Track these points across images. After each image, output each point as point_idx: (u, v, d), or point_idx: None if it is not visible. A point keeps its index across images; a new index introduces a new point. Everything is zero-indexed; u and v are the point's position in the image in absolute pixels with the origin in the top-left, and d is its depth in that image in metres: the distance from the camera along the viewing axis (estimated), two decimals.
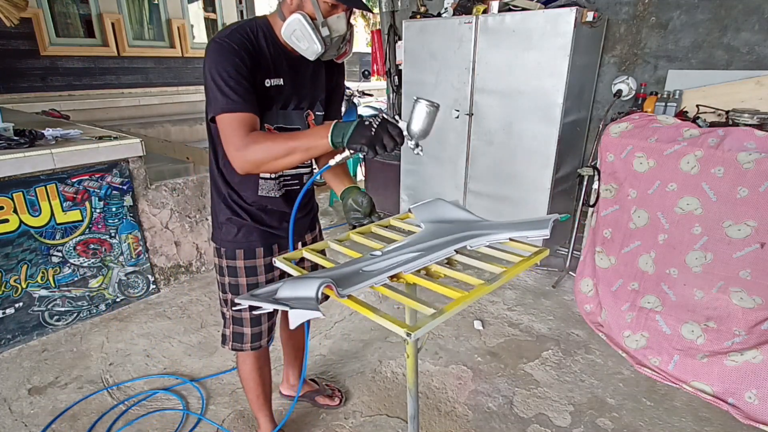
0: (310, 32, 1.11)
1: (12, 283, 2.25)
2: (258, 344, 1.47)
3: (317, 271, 0.99)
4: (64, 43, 4.74)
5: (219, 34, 1.14)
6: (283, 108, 1.25)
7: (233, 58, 1.09)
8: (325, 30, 1.13)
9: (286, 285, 0.84)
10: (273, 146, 1.07)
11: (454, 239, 1.04)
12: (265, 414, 1.66)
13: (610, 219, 2.23)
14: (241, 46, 1.11)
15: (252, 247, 1.39)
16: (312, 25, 1.11)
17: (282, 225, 1.42)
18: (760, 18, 2.40)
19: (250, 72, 1.13)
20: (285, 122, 1.27)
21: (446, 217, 1.18)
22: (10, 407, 1.92)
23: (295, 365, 1.90)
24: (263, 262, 1.41)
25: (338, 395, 1.94)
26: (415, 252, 0.98)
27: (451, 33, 2.96)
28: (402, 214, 1.29)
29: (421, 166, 3.45)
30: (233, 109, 1.09)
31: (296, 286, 0.82)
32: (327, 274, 0.91)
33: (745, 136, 1.81)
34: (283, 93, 1.23)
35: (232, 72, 1.08)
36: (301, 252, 1.10)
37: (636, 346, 2.13)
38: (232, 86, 1.08)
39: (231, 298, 1.42)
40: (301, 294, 0.80)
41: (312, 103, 1.32)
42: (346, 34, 1.18)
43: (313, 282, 0.80)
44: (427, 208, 1.23)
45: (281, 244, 1.44)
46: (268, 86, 1.19)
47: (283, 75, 1.21)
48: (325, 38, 1.13)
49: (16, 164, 2.14)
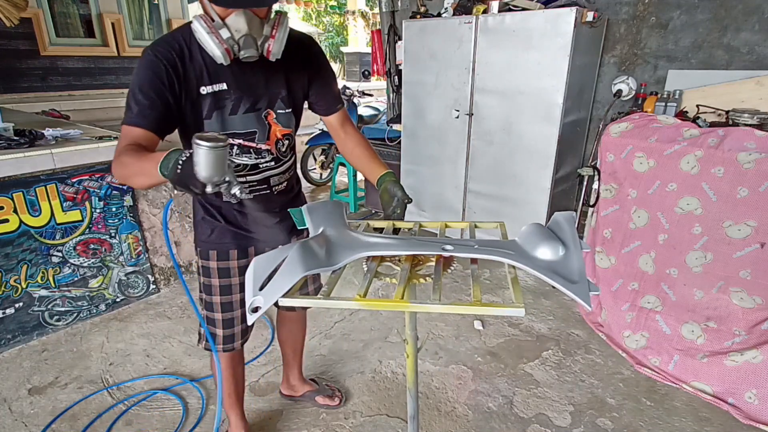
0: (206, 37, 1.04)
1: (12, 283, 2.25)
2: (231, 346, 1.47)
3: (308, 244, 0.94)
4: (64, 43, 4.74)
5: (152, 43, 1.13)
6: (232, 113, 1.20)
7: (148, 72, 1.09)
8: (224, 32, 1.05)
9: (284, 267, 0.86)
10: (126, 166, 1.03)
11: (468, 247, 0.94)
12: (236, 413, 1.69)
13: (610, 219, 2.23)
14: (162, 59, 1.09)
15: (225, 248, 1.37)
16: (207, 29, 1.04)
17: (259, 230, 1.39)
18: (760, 18, 2.40)
19: (173, 84, 1.10)
20: (238, 127, 1.22)
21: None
22: (10, 407, 1.92)
23: (294, 366, 1.90)
24: (237, 264, 1.39)
25: (338, 395, 1.94)
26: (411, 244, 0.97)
27: (451, 33, 2.96)
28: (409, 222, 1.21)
29: (422, 166, 3.45)
30: (126, 122, 1.09)
31: (284, 270, 0.84)
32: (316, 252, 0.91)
33: (745, 136, 1.81)
34: (228, 97, 1.18)
35: (143, 86, 1.08)
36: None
37: (636, 346, 2.13)
38: (137, 100, 1.08)
39: (204, 297, 1.43)
40: (283, 279, 0.82)
41: (271, 102, 1.25)
42: (262, 31, 1.08)
43: (297, 269, 0.83)
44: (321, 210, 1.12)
45: (257, 247, 1.42)
46: (204, 93, 1.15)
47: (225, 79, 1.16)
48: (227, 40, 1.05)
49: (16, 164, 2.14)
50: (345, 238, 0.98)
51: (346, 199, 4.22)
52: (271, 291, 0.83)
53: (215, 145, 0.87)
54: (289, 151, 1.38)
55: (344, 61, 12.09)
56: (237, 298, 1.43)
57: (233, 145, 1.24)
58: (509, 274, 0.88)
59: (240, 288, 1.42)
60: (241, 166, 1.27)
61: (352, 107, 4.65)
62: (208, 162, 0.88)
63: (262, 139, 1.27)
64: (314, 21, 14.25)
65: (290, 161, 1.40)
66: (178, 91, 1.12)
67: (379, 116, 5.17)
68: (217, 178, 0.90)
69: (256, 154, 1.28)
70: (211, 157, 0.88)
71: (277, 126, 1.28)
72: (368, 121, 5.03)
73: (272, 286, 0.83)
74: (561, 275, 0.83)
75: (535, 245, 0.90)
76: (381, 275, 0.95)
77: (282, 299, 0.83)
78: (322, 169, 4.84)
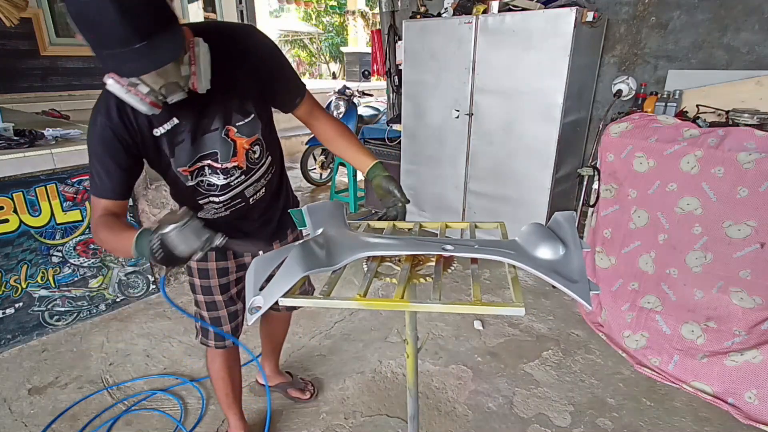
0: (125, 97, 0.95)
1: (12, 283, 2.25)
2: (222, 344, 1.49)
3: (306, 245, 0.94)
4: (64, 43, 4.74)
5: (92, 111, 1.10)
6: (193, 141, 1.14)
7: (97, 140, 1.08)
8: (143, 87, 0.94)
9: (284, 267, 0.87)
10: (104, 242, 1.08)
11: (467, 247, 0.95)
12: (234, 412, 1.69)
13: (610, 219, 2.23)
14: (106, 120, 1.07)
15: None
16: (124, 89, 0.94)
17: (237, 235, 1.33)
18: (760, 18, 2.40)
19: (127, 145, 1.09)
20: (202, 150, 1.17)
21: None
22: (10, 407, 1.92)
23: (272, 359, 1.95)
24: (216, 266, 1.40)
25: (310, 389, 1.96)
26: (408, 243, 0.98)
27: (451, 33, 2.95)
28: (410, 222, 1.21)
29: (422, 166, 3.45)
30: (94, 194, 1.13)
31: (284, 271, 0.85)
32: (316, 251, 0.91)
33: (745, 136, 1.81)
34: (184, 130, 1.12)
35: (98, 155, 1.09)
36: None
37: (636, 346, 2.13)
38: (96, 171, 1.10)
39: (193, 295, 1.47)
40: (283, 279, 0.84)
41: (227, 118, 1.15)
42: (180, 72, 0.97)
43: (297, 269, 0.84)
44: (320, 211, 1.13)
45: (236, 251, 1.43)
46: (158, 135, 1.11)
47: (174, 114, 1.09)
48: (148, 93, 0.95)
49: (16, 164, 2.14)
50: (345, 239, 0.98)
51: (346, 199, 4.22)
52: (271, 291, 0.83)
53: (182, 224, 0.90)
54: (261, 156, 1.28)
55: (344, 61, 12.09)
56: (220, 299, 1.44)
57: (204, 166, 1.19)
58: (509, 274, 0.88)
59: (220, 290, 1.43)
60: (215, 186, 1.23)
61: (352, 107, 4.65)
62: (183, 239, 0.91)
63: (227, 158, 1.19)
64: (314, 21, 14.26)
65: (265, 164, 1.30)
66: (134, 147, 1.11)
67: (379, 116, 5.17)
68: (197, 245, 0.94)
69: (224, 174, 1.21)
70: (184, 235, 0.91)
71: (242, 139, 1.20)
72: (368, 121, 5.02)
73: (272, 287, 0.83)
74: (561, 275, 0.83)
75: (535, 245, 0.90)
76: (381, 275, 0.95)
77: (282, 299, 0.83)
78: (322, 169, 4.83)
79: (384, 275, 0.95)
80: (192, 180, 1.21)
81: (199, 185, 1.22)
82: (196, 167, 1.19)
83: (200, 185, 1.23)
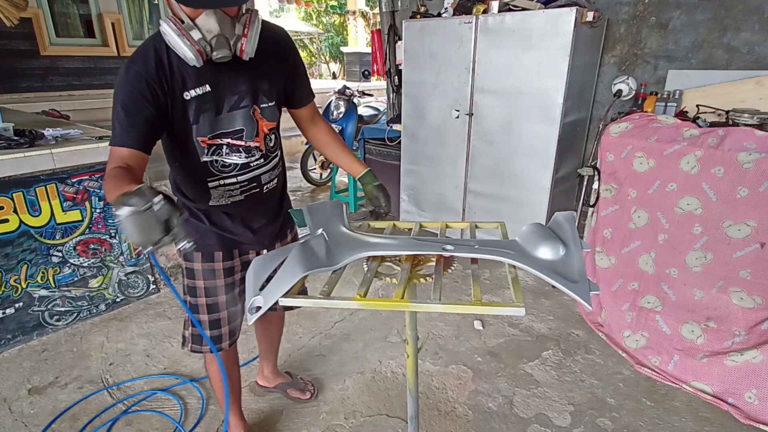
0: (177, 40, 1.01)
1: (12, 283, 2.25)
2: (218, 347, 1.46)
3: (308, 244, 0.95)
4: (64, 43, 4.74)
5: (129, 58, 1.10)
6: (218, 114, 1.18)
7: (128, 89, 1.07)
8: (195, 33, 1.02)
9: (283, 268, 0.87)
10: (108, 192, 0.99)
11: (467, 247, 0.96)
12: (234, 413, 1.69)
13: (611, 219, 2.23)
14: (142, 70, 1.07)
15: (210, 250, 1.36)
16: (177, 31, 1.01)
17: (245, 233, 1.38)
18: (760, 18, 2.40)
19: (157, 98, 1.08)
20: (225, 126, 1.21)
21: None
22: (10, 407, 1.92)
23: (269, 359, 1.94)
24: (222, 266, 1.39)
25: (310, 390, 1.96)
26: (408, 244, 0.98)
27: (451, 33, 2.95)
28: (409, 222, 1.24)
29: (421, 166, 3.45)
30: (112, 143, 1.08)
31: (284, 271, 0.85)
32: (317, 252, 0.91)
33: (745, 136, 1.81)
34: (213, 99, 1.16)
35: (125, 104, 1.06)
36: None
37: (636, 346, 2.13)
38: (119, 119, 1.07)
39: (189, 299, 1.42)
40: (283, 279, 0.84)
41: (254, 98, 1.23)
42: (234, 30, 1.06)
43: (297, 269, 0.84)
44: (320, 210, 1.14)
45: (242, 249, 1.42)
46: (188, 99, 1.13)
47: (207, 81, 1.14)
48: (199, 41, 1.02)
49: (16, 164, 2.14)
50: (345, 239, 0.98)
51: (346, 199, 4.21)
52: (271, 291, 0.83)
53: (144, 207, 0.72)
54: (276, 147, 1.36)
55: (344, 61, 12.10)
56: (223, 300, 1.42)
57: (222, 145, 1.21)
58: (509, 274, 0.88)
59: (225, 290, 1.41)
60: (231, 165, 1.25)
61: (352, 107, 4.65)
62: (139, 227, 0.73)
63: (251, 136, 1.25)
64: (314, 21, 14.26)
65: (278, 157, 1.38)
66: (163, 103, 1.10)
67: (379, 116, 5.16)
68: (155, 237, 0.76)
69: (246, 153, 1.26)
70: (142, 221, 0.73)
71: (263, 121, 1.27)
72: (368, 121, 5.02)
73: (272, 287, 0.84)
74: (561, 275, 0.83)
75: (535, 245, 0.90)
76: (381, 275, 0.95)
77: (282, 299, 0.83)
78: (322, 169, 4.83)
79: (384, 275, 0.95)
80: (207, 155, 1.21)
81: (212, 165, 1.23)
82: (215, 142, 1.20)
83: (214, 165, 1.23)
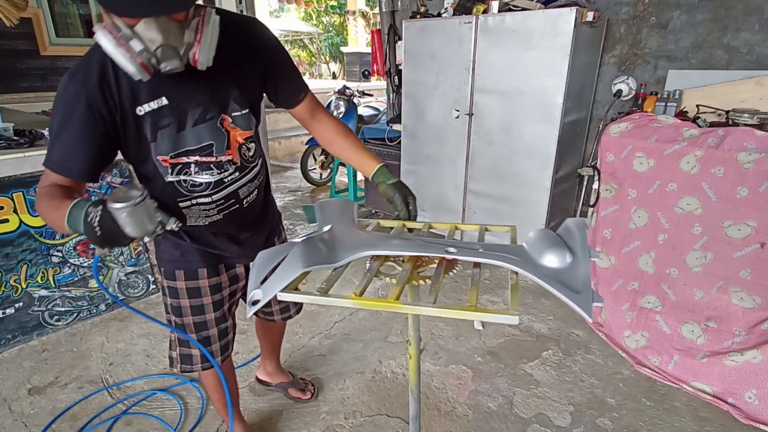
0: (114, 52, 0.84)
1: (12, 283, 2.25)
2: (208, 364, 1.38)
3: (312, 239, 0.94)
4: (64, 43, 4.74)
5: (68, 72, 0.96)
6: (180, 129, 1.03)
7: (67, 110, 0.94)
8: (136, 43, 0.84)
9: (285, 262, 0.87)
10: (42, 213, 0.95)
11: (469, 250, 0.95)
12: (234, 420, 1.66)
13: (610, 219, 2.23)
14: (81, 87, 0.94)
15: (193, 267, 1.26)
16: (114, 42, 0.83)
17: (230, 247, 1.29)
18: (760, 18, 2.40)
19: (102, 118, 0.95)
20: (190, 143, 1.06)
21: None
22: (10, 407, 1.92)
23: (272, 357, 1.93)
24: (208, 283, 1.29)
25: (310, 389, 1.96)
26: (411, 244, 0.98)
27: (451, 33, 2.95)
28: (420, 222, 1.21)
29: (422, 166, 3.45)
30: (46, 165, 0.99)
31: (285, 266, 0.85)
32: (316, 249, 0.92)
33: (745, 136, 1.81)
34: (172, 113, 1.01)
35: (62, 124, 0.95)
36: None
37: (636, 346, 2.13)
38: (57, 140, 0.97)
39: (174, 319, 1.33)
40: (283, 274, 0.84)
41: (223, 107, 1.08)
42: (182, 37, 0.89)
43: (297, 265, 0.84)
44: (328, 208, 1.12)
45: (228, 263, 1.33)
46: (141, 114, 0.99)
47: (163, 93, 0.99)
48: (141, 53, 0.85)
49: (16, 164, 2.14)
50: (350, 237, 0.98)
51: (346, 199, 4.22)
52: (270, 285, 0.83)
53: (134, 203, 0.81)
54: (255, 156, 1.21)
55: (344, 61, 12.10)
56: (212, 317, 1.33)
57: (189, 163, 1.08)
58: (511, 280, 0.88)
59: (214, 307, 1.33)
60: (203, 185, 1.11)
61: (352, 107, 4.65)
62: (135, 219, 0.82)
63: (221, 150, 1.10)
64: (314, 21, 14.27)
65: (257, 166, 1.24)
66: (110, 122, 0.97)
67: (379, 116, 5.17)
68: (150, 227, 0.85)
69: (218, 169, 1.11)
70: (136, 214, 0.82)
71: (236, 130, 1.12)
72: (368, 121, 5.03)
73: (272, 281, 0.84)
74: (565, 284, 0.82)
75: (541, 252, 0.89)
76: (382, 275, 0.95)
77: (281, 294, 0.83)
78: (322, 169, 4.84)
79: (385, 275, 0.95)
80: (172, 175, 1.08)
81: (180, 184, 1.10)
82: (180, 161, 1.06)
83: (182, 185, 1.10)
